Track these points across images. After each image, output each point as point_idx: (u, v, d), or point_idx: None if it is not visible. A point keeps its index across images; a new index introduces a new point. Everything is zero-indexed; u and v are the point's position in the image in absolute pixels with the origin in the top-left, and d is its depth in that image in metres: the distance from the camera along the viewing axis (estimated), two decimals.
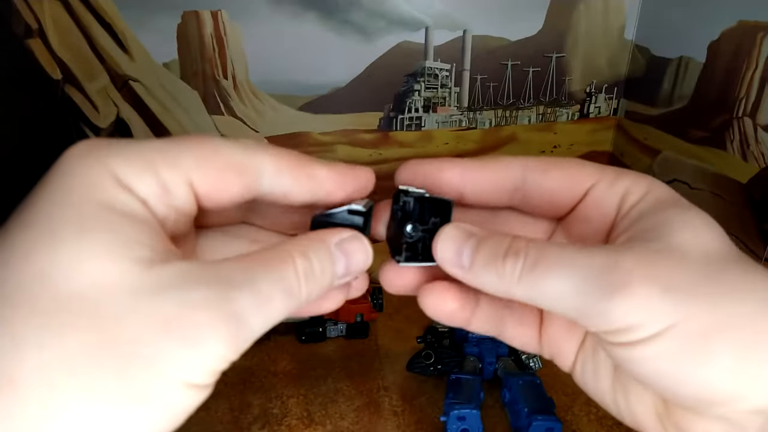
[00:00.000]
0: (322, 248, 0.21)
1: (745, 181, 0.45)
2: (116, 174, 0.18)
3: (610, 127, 0.62)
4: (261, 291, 0.18)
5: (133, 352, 0.16)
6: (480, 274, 0.21)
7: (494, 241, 0.21)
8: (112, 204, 0.18)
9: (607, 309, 0.18)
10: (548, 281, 0.19)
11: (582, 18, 0.56)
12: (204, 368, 0.17)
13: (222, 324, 0.17)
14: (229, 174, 0.20)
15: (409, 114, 0.58)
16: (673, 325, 0.18)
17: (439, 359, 0.47)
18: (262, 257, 0.19)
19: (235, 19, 0.51)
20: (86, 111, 0.52)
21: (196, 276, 0.18)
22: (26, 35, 0.48)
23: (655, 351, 0.18)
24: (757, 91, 0.43)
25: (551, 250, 0.20)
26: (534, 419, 0.39)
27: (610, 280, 0.18)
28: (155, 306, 0.16)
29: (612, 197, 0.23)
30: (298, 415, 0.44)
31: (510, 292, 0.21)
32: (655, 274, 0.18)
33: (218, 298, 0.17)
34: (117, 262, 0.17)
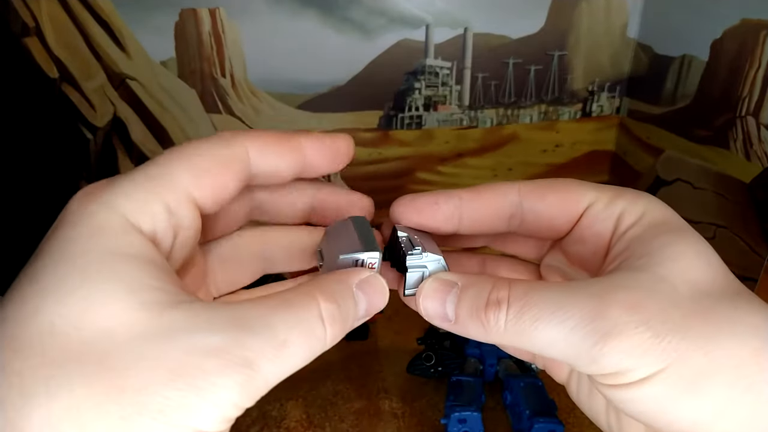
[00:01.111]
0: (347, 290, 0.21)
1: (749, 180, 0.44)
2: (124, 214, 0.18)
3: (613, 125, 0.61)
4: (277, 336, 0.17)
5: (140, 401, 0.16)
6: (467, 326, 0.21)
7: (475, 290, 0.21)
8: (118, 249, 0.17)
9: (598, 356, 0.18)
10: (535, 332, 0.19)
11: (584, 16, 0.56)
12: (215, 416, 0.16)
13: (233, 371, 0.16)
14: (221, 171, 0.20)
15: (409, 112, 0.57)
16: (663, 369, 0.18)
17: (439, 361, 0.46)
18: (283, 299, 0.19)
19: (233, 17, 0.51)
20: (83, 110, 0.52)
21: (208, 319, 0.17)
22: (23, 34, 0.47)
23: (645, 393, 0.18)
24: (761, 89, 0.43)
25: (535, 297, 0.20)
26: (535, 421, 0.39)
27: (599, 329, 0.18)
28: (164, 352, 0.16)
29: (607, 219, 0.23)
30: (297, 417, 0.44)
31: (497, 341, 0.21)
32: (646, 318, 0.18)
33: (229, 344, 0.17)
34: (125, 309, 0.17)
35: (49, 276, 0.17)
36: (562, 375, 0.26)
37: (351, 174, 0.59)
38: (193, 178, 0.20)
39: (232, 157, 0.21)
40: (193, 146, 0.20)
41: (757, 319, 0.19)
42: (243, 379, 0.16)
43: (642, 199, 0.23)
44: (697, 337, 0.18)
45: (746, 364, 0.18)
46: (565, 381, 0.26)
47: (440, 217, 0.24)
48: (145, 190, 0.19)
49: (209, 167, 0.20)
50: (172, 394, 0.16)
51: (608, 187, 0.24)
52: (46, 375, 0.16)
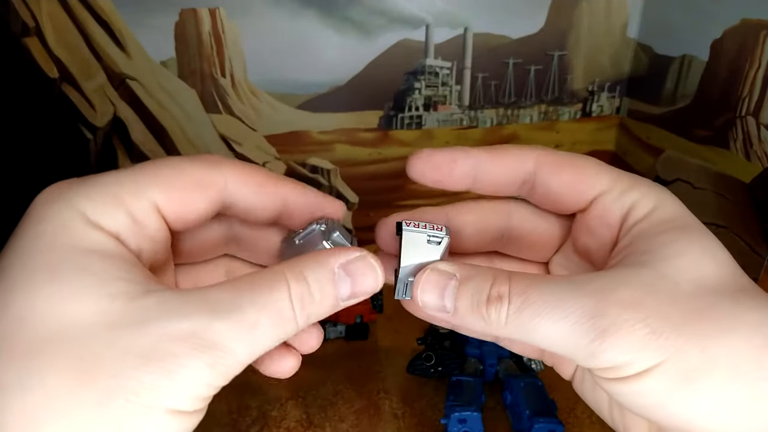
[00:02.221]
0: (322, 270, 0.20)
1: (749, 180, 0.44)
2: (85, 213, 0.18)
3: (613, 125, 0.61)
4: (246, 317, 0.18)
5: (114, 385, 0.16)
6: (466, 319, 0.21)
7: (475, 283, 0.21)
8: (83, 244, 0.18)
9: (597, 351, 0.18)
10: (535, 327, 0.19)
11: (584, 16, 0.56)
12: (188, 395, 0.17)
13: (201, 353, 0.17)
14: (193, 191, 0.20)
15: (409, 112, 0.57)
16: (660, 363, 0.18)
17: (439, 361, 0.46)
18: (252, 281, 0.19)
19: (233, 17, 0.51)
20: (83, 110, 0.52)
21: (177, 305, 0.17)
22: (23, 34, 0.47)
23: (643, 387, 0.18)
24: (761, 89, 0.43)
25: (535, 292, 0.20)
26: (536, 421, 0.39)
27: (597, 326, 0.18)
28: (134, 339, 0.17)
29: (617, 211, 0.23)
30: (297, 417, 0.44)
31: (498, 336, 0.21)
32: (644, 315, 0.18)
33: (198, 329, 0.17)
34: (93, 300, 0.17)
35: (16, 272, 0.17)
36: (568, 371, 0.26)
37: (351, 174, 0.59)
38: (161, 191, 0.20)
39: (207, 180, 0.21)
40: (171, 161, 0.21)
41: (759, 316, 0.19)
42: (212, 360, 0.17)
43: (654, 193, 0.22)
44: (695, 334, 0.18)
45: (744, 360, 0.18)
46: (570, 376, 0.26)
47: (456, 174, 0.24)
48: (109, 193, 0.19)
49: (181, 184, 0.20)
50: (145, 378, 0.16)
51: (624, 174, 0.23)
52: (19, 367, 0.16)
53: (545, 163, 0.24)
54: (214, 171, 0.21)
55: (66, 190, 0.19)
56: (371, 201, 0.60)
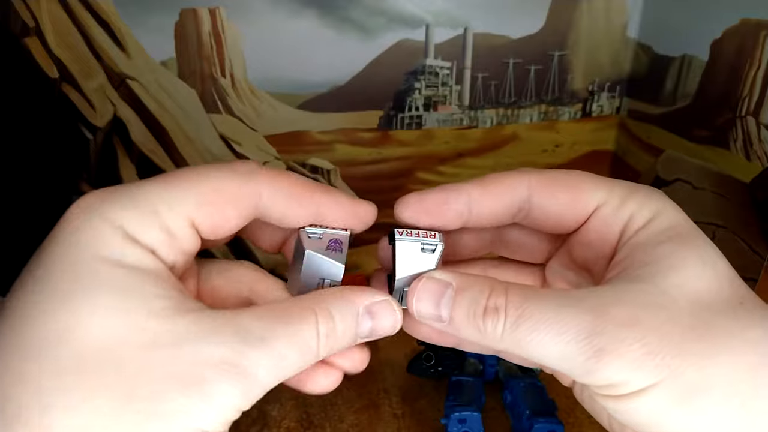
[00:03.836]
0: (349, 310, 0.21)
1: (749, 180, 0.44)
2: (122, 227, 0.18)
3: (613, 125, 0.61)
4: (276, 349, 0.18)
5: (152, 408, 0.16)
6: (461, 330, 0.21)
7: (472, 293, 0.21)
8: (122, 260, 0.18)
9: (593, 369, 0.18)
10: (531, 343, 0.19)
11: (584, 16, 0.56)
12: (217, 419, 0.17)
13: (234, 380, 0.17)
14: (228, 207, 0.21)
15: (409, 112, 0.57)
16: (657, 383, 0.18)
17: (439, 361, 0.46)
18: (284, 312, 0.20)
19: (233, 17, 0.51)
20: (83, 110, 0.52)
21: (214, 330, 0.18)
22: (23, 34, 0.47)
23: (639, 405, 0.19)
24: (761, 89, 0.43)
25: (531, 307, 0.20)
26: (535, 422, 0.39)
27: (593, 344, 0.18)
28: (172, 361, 0.17)
29: (615, 224, 0.23)
30: (297, 417, 0.44)
31: (492, 348, 0.21)
32: (641, 334, 0.18)
33: (233, 356, 0.18)
34: (132, 318, 0.17)
35: (55, 283, 0.17)
36: (567, 379, 0.26)
37: (351, 174, 0.59)
38: (196, 206, 0.20)
39: (241, 194, 0.21)
40: (206, 173, 0.21)
41: (756, 334, 0.19)
42: (244, 387, 0.18)
43: (653, 201, 0.22)
44: (692, 354, 0.18)
45: (741, 380, 0.18)
46: (570, 384, 0.26)
47: (450, 216, 0.24)
48: (146, 207, 0.19)
49: (216, 199, 0.20)
50: (182, 401, 0.17)
51: (621, 184, 0.23)
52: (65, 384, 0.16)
53: (539, 186, 0.23)
54: (249, 183, 0.21)
55: (102, 202, 0.19)
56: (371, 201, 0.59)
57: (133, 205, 0.19)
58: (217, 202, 0.20)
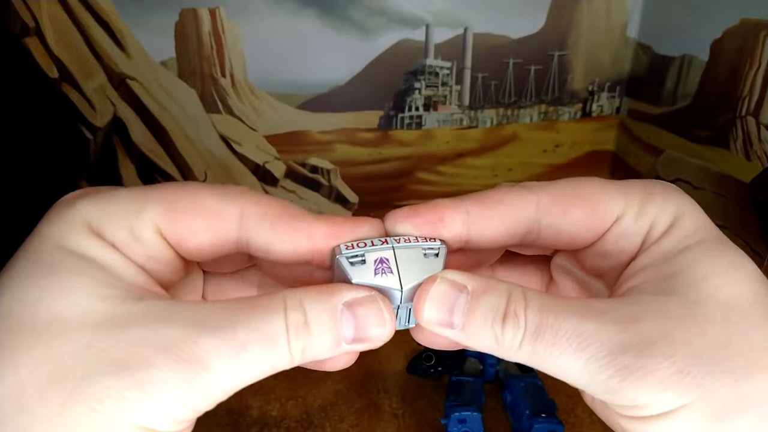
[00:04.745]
0: (323, 304, 0.18)
1: (749, 180, 0.44)
2: (89, 222, 0.18)
3: (613, 125, 0.61)
4: (236, 338, 0.16)
5: (81, 389, 0.15)
6: (475, 337, 0.19)
7: (489, 299, 0.19)
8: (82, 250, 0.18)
9: (616, 389, 0.17)
10: (551, 357, 0.18)
11: (584, 16, 0.55)
12: (160, 413, 0.16)
13: (181, 367, 0.16)
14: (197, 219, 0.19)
15: (409, 113, 0.57)
16: (687, 404, 0.17)
17: (439, 361, 0.46)
18: (251, 302, 0.18)
19: (233, 17, 0.51)
20: (83, 110, 0.52)
21: (166, 313, 0.17)
22: (23, 34, 0.47)
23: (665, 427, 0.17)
24: (761, 89, 0.43)
25: (551, 317, 0.18)
26: (536, 421, 0.39)
27: (619, 363, 0.17)
28: (113, 342, 0.16)
29: (637, 234, 0.21)
30: (297, 417, 0.44)
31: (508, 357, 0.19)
32: (670, 352, 0.17)
33: (182, 340, 0.16)
34: (83, 300, 0.17)
35: (17, 270, 0.18)
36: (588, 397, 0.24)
37: (351, 174, 0.59)
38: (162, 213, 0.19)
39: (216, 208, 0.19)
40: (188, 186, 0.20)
41: None
42: (190, 376, 0.16)
43: (672, 203, 0.21)
44: (725, 372, 0.17)
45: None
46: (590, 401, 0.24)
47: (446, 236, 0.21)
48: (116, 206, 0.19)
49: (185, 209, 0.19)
50: (113, 384, 0.15)
51: (635, 186, 0.21)
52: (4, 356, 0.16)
53: (549, 203, 0.21)
54: (227, 202, 0.19)
55: (78, 198, 0.19)
56: (371, 201, 0.59)
57: (106, 205, 0.19)
58: (183, 211, 0.19)
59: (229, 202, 0.20)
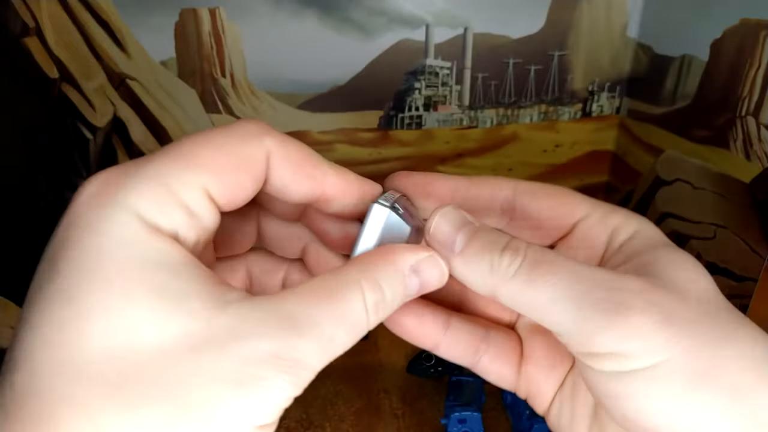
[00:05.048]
0: (395, 274, 0.20)
1: (749, 180, 0.44)
2: (140, 215, 0.17)
3: (613, 125, 0.61)
4: (325, 333, 0.18)
5: (207, 414, 0.16)
6: (471, 261, 0.20)
7: (493, 233, 0.20)
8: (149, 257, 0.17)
9: (604, 328, 0.18)
10: (545, 286, 0.19)
11: (584, 16, 0.56)
12: (273, 411, 0.17)
13: (287, 373, 0.17)
14: (242, 173, 0.19)
15: (409, 113, 0.57)
16: (668, 360, 0.17)
17: (439, 361, 0.46)
18: (326, 289, 0.18)
19: (233, 17, 0.51)
20: (83, 110, 0.52)
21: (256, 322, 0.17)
22: (23, 34, 0.47)
23: (645, 385, 0.18)
24: (761, 89, 0.43)
25: (552, 255, 0.19)
26: (535, 421, 0.39)
27: (612, 299, 0.18)
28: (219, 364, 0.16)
29: (601, 233, 0.22)
30: (297, 417, 0.44)
31: (496, 289, 0.20)
32: (658, 302, 0.18)
33: (282, 349, 0.17)
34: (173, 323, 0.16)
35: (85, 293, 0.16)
36: (543, 402, 0.25)
37: None
38: (210, 176, 0.18)
39: (252, 156, 0.19)
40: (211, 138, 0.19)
41: (755, 330, 0.19)
42: (297, 377, 0.17)
43: (635, 218, 0.22)
44: (703, 335, 0.18)
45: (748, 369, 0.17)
46: (545, 409, 0.25)
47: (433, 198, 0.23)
48: (160, 186, 0.17)
49: (228, 165, 0.19)
50: (236, 403, 0.16)
51: (601, 202, 0.23)
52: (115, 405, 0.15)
53: (523, 190, 0.23)
54: (257, 145, 0.20)
55: (115, 188, 0.17)
56: None
57: (147, 186, 0.17)
58: (231, 168, 0.19)
59: (258, 146, 0.20)
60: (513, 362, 0.25)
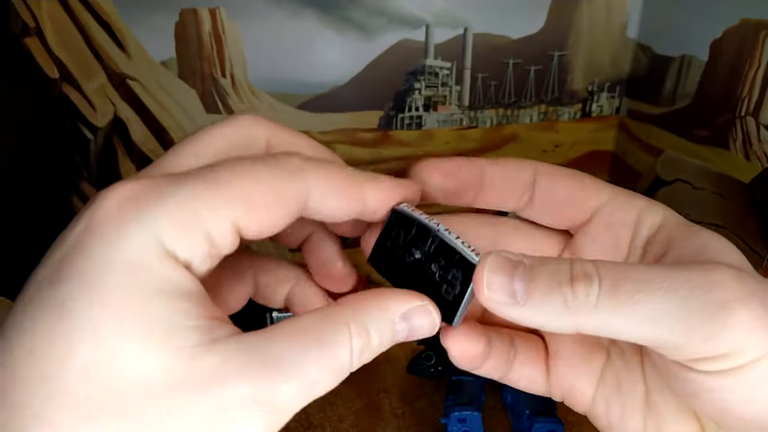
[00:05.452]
0: (386, 322, 0.19)
1: (748, 180, 0.44)
2: (162, 241, 0.17)
3: (613, 126, 0.61)
4: (309, 377, 0.17)
5: None
6: (542, 306, 0.18)
7: (552, 265, 0.18)
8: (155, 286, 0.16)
9: (717, 332, 0.16)
10: (637, 306, 0.17)
11: (584, 16, 0.56)
12: None
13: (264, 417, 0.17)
14: (278, 209, 0.19)
15: (409, 113, 0.57)
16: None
17: (439, 360, 0.46)
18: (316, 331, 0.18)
19: (233, 17, 0.51)
20: (83, 110, 0.52)
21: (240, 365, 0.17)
22: (23, 34, 0.47)
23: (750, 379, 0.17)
24: (760, 90, 0.43)
25: (629, 269, 0.17)
26: (535, 421, 0.39)
27: (718, 298, 0.16)
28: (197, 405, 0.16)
29: (626, 219, 0.21)
30: (297, 417, 0.44)
31: (579, 324, 0.18)
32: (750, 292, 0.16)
33: (263, 394, 0.17)
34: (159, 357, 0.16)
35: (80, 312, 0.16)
36: (584, 399, 0.23)
37: None
38: (243, 209, 0.18)
39: (291, 194, 0.19)
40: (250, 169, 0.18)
41: None
42: (274, 419, 0.17)
43: (659, 204, 0.21)
44: None
45: None
46: (588, 407, 0.23)
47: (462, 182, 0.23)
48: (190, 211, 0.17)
49: (264, 201, 0.18)
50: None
51: (622, 189, 0.22)
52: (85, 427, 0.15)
53: (544, 172, 0.23)
54: (299, 182, 0.19)
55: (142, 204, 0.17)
56: None
57: (177, 210, 0.17)
58: (268, 204, 0.18)
59: (298, 181, 0.19)
60: (540, 364, 0.24)
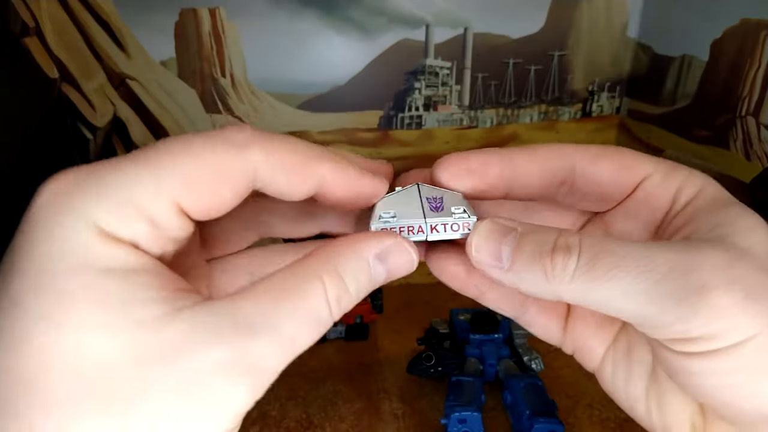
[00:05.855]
0: (359, 263, 0.19)
1: (749, 180, 0.44)
2: (99, 225, 0.16)
3: (613, 125, 0.61)
4: (284, 333, 0.17)
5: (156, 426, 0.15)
6: (522, 274, 0.19)
7: (539, 234, 0.19)
8: (101, 263, 0.16)
9: (688, 315, 0.16)
10: (611, 282, 0.17)
11: (584, 16, 0.55)
12: (228, 419, 0.16)
13: (242, 380, 0.16)
14: (221, 186, 0.18)
15: (409, 112, 0.57)
16: (753, 336, 0.16)
17: (439, 361, 0.46)
18: (285, 287, 0.17)
19: (233, 17, 0.51)
20: (83, 110, 0.52)
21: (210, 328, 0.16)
22: (23, 33, 0.47)
23: (729, 364, 0.16)
24: (761, 89, 0.43)
25: (611, 246, 0.17)
26: (536, 422, 0.39)
27: (691, 282, 0.16)
28: (170, 375, 0.15)
29: (665, 192, 0.21)
30: (297, 417, 0.44)
31: (558, 294, 0.18)
32: (738, 277, 0.16)
33: (236, 355, 0.16)
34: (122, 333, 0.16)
35: (32, 302, 0.15)
36: (594, 359, 0.23)
37: None
38: (183, 187, 0.17)
39: (235, 170, 0.18)
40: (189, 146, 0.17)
41: None
42: (253, 383, 0.16)
43: (700, 175, 0.21)
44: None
45: None
46: (596, 366, 0.23)
47: (490, 181, 0.22)
48: (124, 197, 0.16)
49: (204, 177, 0.17)
50: (186, 414, 0.15)
51: (665, 160, 0.22)
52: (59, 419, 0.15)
53: (583, 156, 0.22)
54: (242, 156, 0.18)
55: (74, 195, 0.16)
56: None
57: (110, 196, 0.16)
58: (207, 180, 0.17)
59: (241, 156, 0.18)
60: (559, 318, 0.24)
